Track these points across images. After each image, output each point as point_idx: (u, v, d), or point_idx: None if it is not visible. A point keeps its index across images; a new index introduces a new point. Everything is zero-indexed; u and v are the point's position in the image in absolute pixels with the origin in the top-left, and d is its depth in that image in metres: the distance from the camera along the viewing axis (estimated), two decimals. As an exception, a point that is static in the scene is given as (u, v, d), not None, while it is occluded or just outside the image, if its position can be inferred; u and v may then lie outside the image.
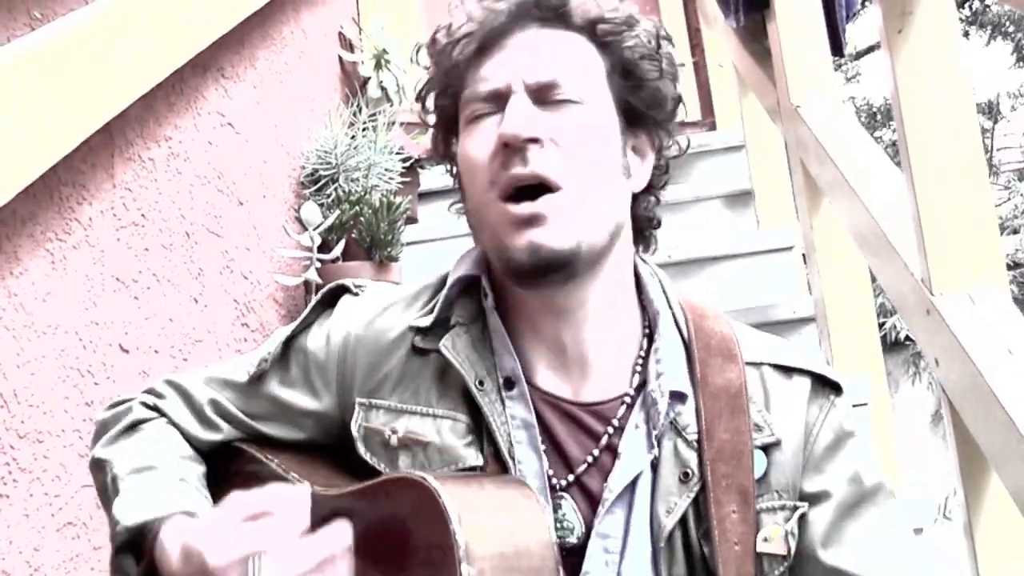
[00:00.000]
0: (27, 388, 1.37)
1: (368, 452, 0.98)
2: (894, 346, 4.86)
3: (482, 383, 0.96)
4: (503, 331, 0.98)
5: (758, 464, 0.94)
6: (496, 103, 0.94)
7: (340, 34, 2.98)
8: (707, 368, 0.97)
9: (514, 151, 0.91)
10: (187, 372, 1.11)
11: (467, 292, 1.01)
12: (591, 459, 0.95)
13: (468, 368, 0.96)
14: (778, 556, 0.93)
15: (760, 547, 0.92)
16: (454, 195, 1.04)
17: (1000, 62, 6.00)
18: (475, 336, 0.98)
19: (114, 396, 1.54)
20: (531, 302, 0.97)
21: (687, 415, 0.95)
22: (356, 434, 0.99)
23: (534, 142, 0.91)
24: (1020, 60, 6.00)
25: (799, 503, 0.95)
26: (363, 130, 2.56)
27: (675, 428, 0.95)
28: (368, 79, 2.89)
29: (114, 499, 1.00)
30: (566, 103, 0.93)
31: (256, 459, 1.04)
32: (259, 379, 1.04)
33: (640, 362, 0.99)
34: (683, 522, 0.92)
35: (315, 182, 2.46)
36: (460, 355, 0.97)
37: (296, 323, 1.06)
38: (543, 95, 0.93)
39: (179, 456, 1.03)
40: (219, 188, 2.03)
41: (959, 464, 1.41)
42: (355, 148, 2.49)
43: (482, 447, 0.95)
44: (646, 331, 1.00)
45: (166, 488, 0.98)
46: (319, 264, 2.29)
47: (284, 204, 2.38)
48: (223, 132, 2.09)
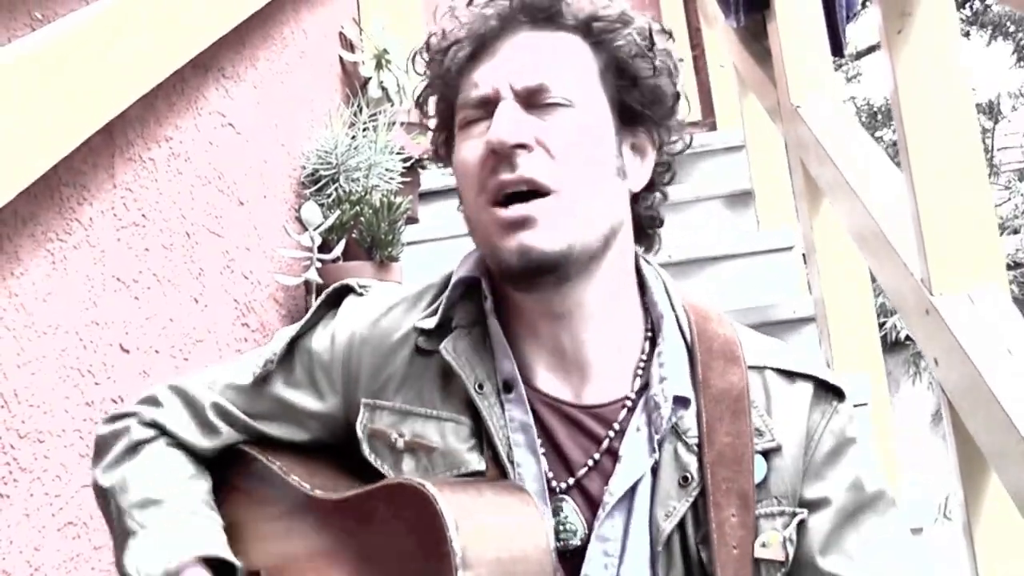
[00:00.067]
0: (28, 388, 1.37)
1: (372, 453, 0.98)
2: (894, 346, 4.85)
3: (482, 386, 0.95)
4: (501, 334, 0.98)
5: (758, 469, 0.93)
6: (486, 109, 0.94)
7: (341, 34, 2.98)
8: (709, 371, 0.96)
9: (502, 157, 0.91)
10: (189, 375, 1.10)
11: (468, 294, 1.00)
12: (592, 462, 0.95)
13: (468, 371, 0.96)
14: (776, 562, 0.93)
15: (758, 552, 0.92)
16: (455, 195, 1.04)
17: (1001, 62, 5.98)
18: (476, 339, 0.98)
19: (114, 397, 1.56)
20: (528, 304, 0.97)
21: (688, 419, 0.95)
22: (360, 435, 0.99)
23: (522, 147, 0.91)
24: (1021, 60, 5.98)
25: (798, 510, 0.94)
26: (364, 130, 2.56)
27: (676, 432, 0.94)
28: (369, 79, 2.89)
29: (122, 540, 1.00)
30: (556, 106, 0.93)
31: (258, 461, 1.04)
32: (264, 380, 1.04)
33: (642, 365, 0.98)
34: (681, 526, 0.92)
35: (316, 182, 2.46)
36: (461, 358, 0.96)
37: (301, 323, 1.05)
38: (532, 99, 0.93)
39: (183, 478, 1.04)
40: (220, 188, 2.03)
41: (959, 464, 1.41)
42: (356, 148, 2.49)
43: (483, 451, 0.95)
44: (648, 333, 1.00)
45: (176, 528, 0.99)
46: (319, 264, 2.28)
47: (285, 204, 2.38)
48: (224, 132, 2.08)
